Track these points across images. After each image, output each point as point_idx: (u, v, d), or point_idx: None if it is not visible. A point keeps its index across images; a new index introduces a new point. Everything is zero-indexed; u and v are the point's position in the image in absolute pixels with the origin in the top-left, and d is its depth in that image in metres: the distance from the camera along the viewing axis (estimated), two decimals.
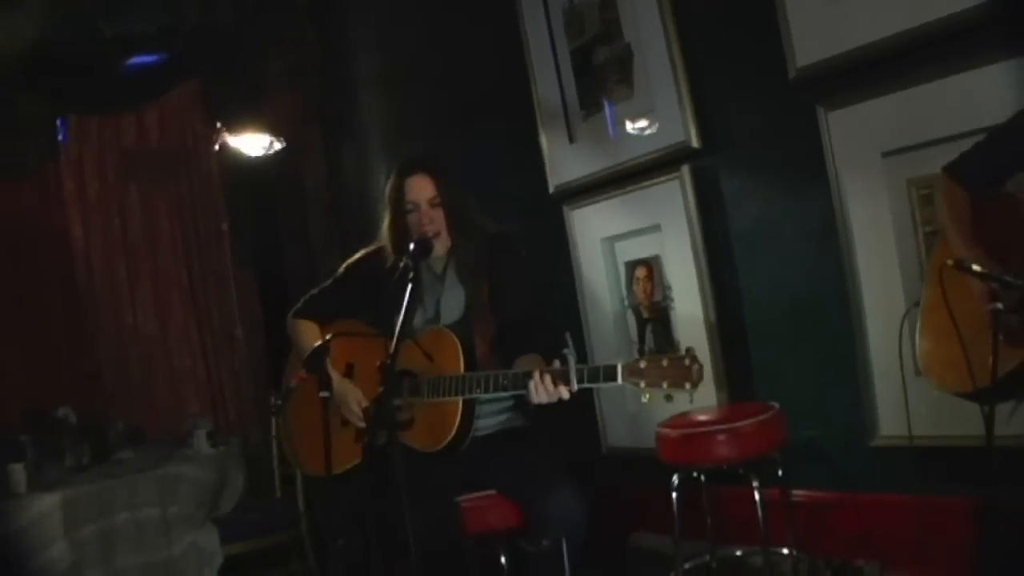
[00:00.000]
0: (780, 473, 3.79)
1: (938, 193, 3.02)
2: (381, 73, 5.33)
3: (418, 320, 3.56)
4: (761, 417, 3.65)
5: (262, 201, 5.94)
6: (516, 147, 5.32)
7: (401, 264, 3.23)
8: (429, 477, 3.30)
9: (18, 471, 4.29)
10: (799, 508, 3.96)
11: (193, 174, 5.99)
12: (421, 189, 3.51)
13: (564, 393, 3.00)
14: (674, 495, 3.75)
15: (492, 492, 3.36)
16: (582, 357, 5.11)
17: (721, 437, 3.60)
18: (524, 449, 3.40)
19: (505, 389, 3.14)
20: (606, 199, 4.93)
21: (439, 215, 3.51)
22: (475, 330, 3.43)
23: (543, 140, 5.21)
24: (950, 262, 2.72)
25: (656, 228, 4.68)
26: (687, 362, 2.78)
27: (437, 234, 3.50)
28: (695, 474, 3.83)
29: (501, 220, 5.27)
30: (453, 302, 3.57)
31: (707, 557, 4.04)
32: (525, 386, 3.04)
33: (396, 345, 2.88)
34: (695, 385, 2.79)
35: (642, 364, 2.83)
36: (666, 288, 4.69)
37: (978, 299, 2.67)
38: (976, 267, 2.63)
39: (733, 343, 4.40)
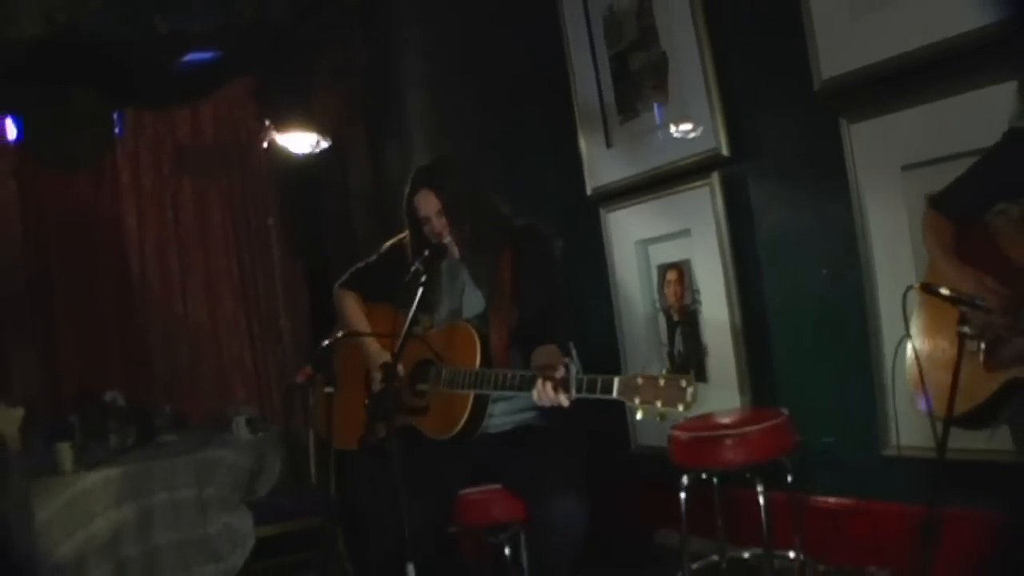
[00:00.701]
0: (789, 479, 3.84)
1: (924, 226, 3.08)
2: (425, 74, 5.43)
3: (443, 311, 3.68)
4: (769, 423, 3.71)
5: (310, 197, 6.07)
6: (556, 149, 5.41)
7: (413, 268, 3.35)
8: (438, 467, 3.42)
9: (65, 450, 4.47)
10: (814, 514, 4.01)
11: (245, 169, 6.14)
12: (428, 204, 3.60)
13: (563, 400, 3.03)
14: (682, 495, 3.83)
15: (498, 487, 3.45)
16: (614, 357, 5.25)
17: (729, 441, 3.67)
18: (536, 449, 3.45)
19: (512, 388, 3.21)
20: (640, 203, 5.00)
21: (443, 224, 3.60)
22: (493, 325, 3.50)
23: (582, 143, 5.29)
24: (916, 286, 2.78)
25: (687, 233, 4.74)
26: (683, 383, 2.78)
27: (449, 241, 3.59)
28: (703, 476, 3.89)
29: (540, 220, 5.42)
30: (475, 297, 3.66)
31: (715, 557, 4.10)
32: (531, 388, 3.11)
33: (402, 343, 3.02)
34: (688, 407, 2.78)
35: (639, 381, 2.85)
36: (695, 292, 4.75)
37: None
38: (944, 290, 2.68)
39: (757, 348, 4.45)
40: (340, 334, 3.51)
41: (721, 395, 4.59)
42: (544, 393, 3.05)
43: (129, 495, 4.40)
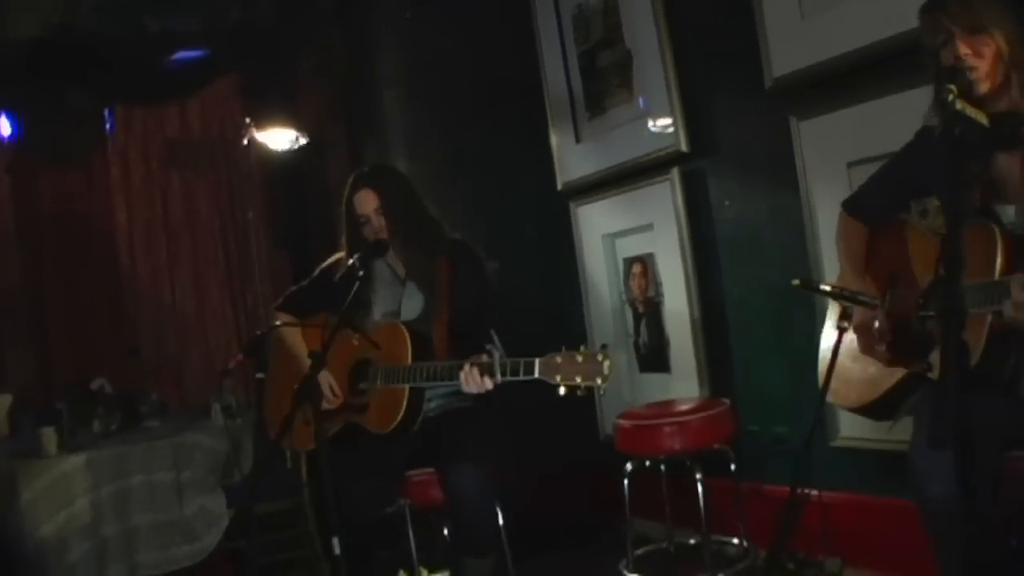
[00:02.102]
0: (732, 467, 3.79)
1: (837, 228, 3.03)
2: (401, 73, 5.38)
3: (378, 314, 3.69)
4: (708, 412, 3.69)
5: (294, 192, 6.03)
6: (529, 145, 5.35)
7: (350, 262, 3.37)
8: (382, 455, 3.43)
9: (49, 434, 4.46)
10: (766, 502, 3.95)
11: (231, 164, 6.09)
12: (368, 202, 3.61)
13: (488, 384, 3.08)
14: (625, 482, 3.79)
15: (432, 469, 3.47)
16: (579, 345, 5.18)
17: (668, 429, 3.64)
18: (454, 429, 3.48)
19: (442, 378, 3.25)
20: (607, 197, 4.95)
21: (382, 223, 3.60)
22: (434, 325, 3.53)
23: (553, 138, 5.23)
24: (795, 282, 2.74)
25: (650, 227, 4.69)
26: (600, 358, 2.83)
27: (386, 239, 3.60)
28: (647, 463, 3.84)
29: (514, 215, 5.38)
30: (414, 301, 3.67)
31: (663, 544, 4.06)
32: (457, 377, 3.16)
33: (331, 335, 3.03)
34: (605, 380, 2.82)
35: (558, 359, 2.88)
36: (658, 285, 4.70)
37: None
38: (824, 286, 2.65)
39: (715, 340, 4.40)
40: (277, 323, 3.52)
41: (682, 385, 4.55)
42: (471, 378, 3.09)
43: (108, 477, 4.39)
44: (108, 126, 6.01)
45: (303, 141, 5.43)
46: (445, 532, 3.45)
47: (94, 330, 5.91)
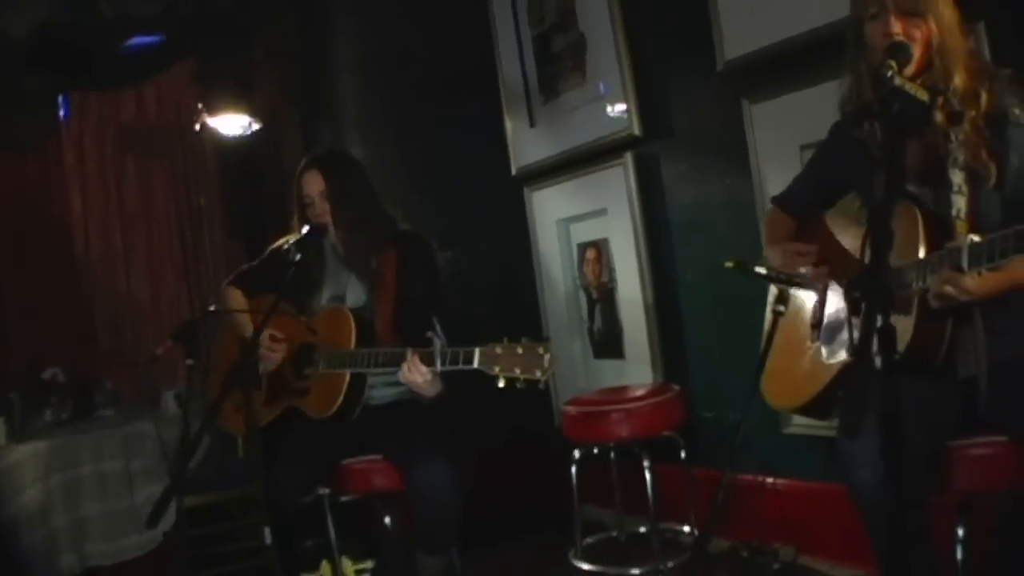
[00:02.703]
0: (683, 455, 3.66)
1: (765, 221, 2.94)
2: (356, 58, 5.23)
3: (325, 297, 3.56)
4: (655, 399, 3.56)
5: (249, 177, 5.86)
6: (483, 130, 5.20)
7: (287, 244, 3.22)
8: (319, 438, 3.31)
9: None
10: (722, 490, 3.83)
11: (187, 149, 5.91)
12: (313, 184, 3.49)
13: (426, 373, 2.98)
14: (573, 469, 3.66)
15: (379, 457, 3.33)
16: (538, 334, 5.04)
17: (616, 416, 3.51)
18: (411, 420, 3.34)
19: (383, 365, 3.14)
20: (561, 182, 4.81)
21: (327, 207, 3.49)
22: (378, 314, 3.40)
23: (507, 123, 5.09)
24: (729, 264, 2.63)
25: (604, 212, 4.55)
26: (540, 351, 2.74)
27: (328, 223, 3.49)
28: (595, 450, 3.72)
29: (468, 200, 5.23)
30: (358, 288, 3.54)
31: (614, 532, 3.93)
32: (399, 364, 3.05)
33: (266, 317, 2.95)
34: (545, 373, 2.72)
35: (498, 350, 2.78)
36: (611, 270, 4.57)
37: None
38: (759, 268, 2.54)
39: (668, 326, 4.27)
40: (210, 308, 3.39)
41: (637, 371, 4.42)
42: (414, 367, 2.98)
43: (58, 467, 4.28)
44: (62, 112, 5.81)
45: (256, 127, 5.26)
46: (386, 520, 3.31)
47: (49, 318, 5.71)
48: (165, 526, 4.33)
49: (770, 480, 3.75)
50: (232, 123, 5.22)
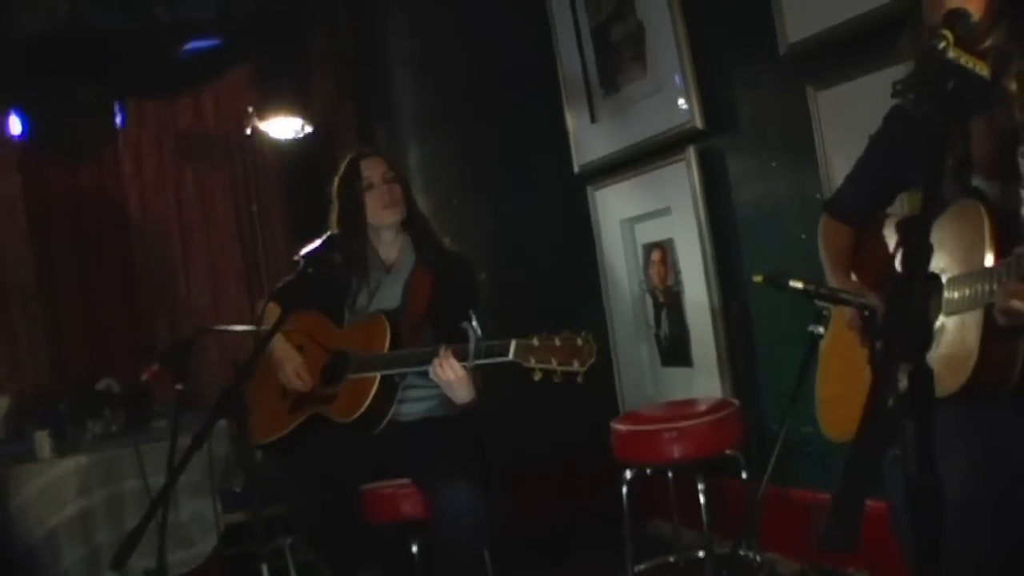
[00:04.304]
0: (744, 475, 3.41)
1: (819, 232, 2.65)
2: (411, 55, 5.07)
3: (360, 305, 3.44)
4: (712, 417, 3.30)
5: (310, 178, 5.75)
6: (544, 126, 5.04)
7: (295, 258, 3.20)
8: (340, 457, 3.16)
9: (43, 438, 4.25)
10: (793, 508, 3.57)
11: (246, 155, 5.83)
12: (376, 167, 3.42)
13: (460, 370, 2.89)
14: (624, 490, 3.42)
15: (407, 481, 3.16)
16: (602, 340, 4.84)
17: (668, 435, 3.26)
18: (440, 440, 3.17)
19: (415, 365, 3.05)
20: (624, 180, 4.62)
21: (395, 189, 3.42)
22: (406, 315, 3.30)
23: (568, 119, 4.90)
24: (757, 278, 2.36)
25: (668, 211, 4.33)
26: (579, 342, 2.65)
27: (394, 206, 3.40)
28: (648, 471, 3.48)
29: (530, 200, 5.05)
30: (390, 290, 3.41)
31: (671, 558, 3.68)
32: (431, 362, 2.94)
33: (277, 325, 2.86)
34: (584, 364, 2.63)
35: (535, 342, 2.69)
36: (678, 273, 4.34)
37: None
38: (795, 282, 2.25)
39: (736, 332, 4.03)
40: (196, 334, 3.45)
41: (705, 382, 4.18)
42: (447, 363, 2.89)
43: (100, 482, 4.15)
44: (119, 120, 5.78)
45: (308, 129, 5.14)
46: (414, 549, 3.12)
47: (109, 327, 5.67)
48: (211, 543, 4.28)
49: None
50: (284, 127, 5.12)
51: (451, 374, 2.89)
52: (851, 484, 1.21)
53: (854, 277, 2.57)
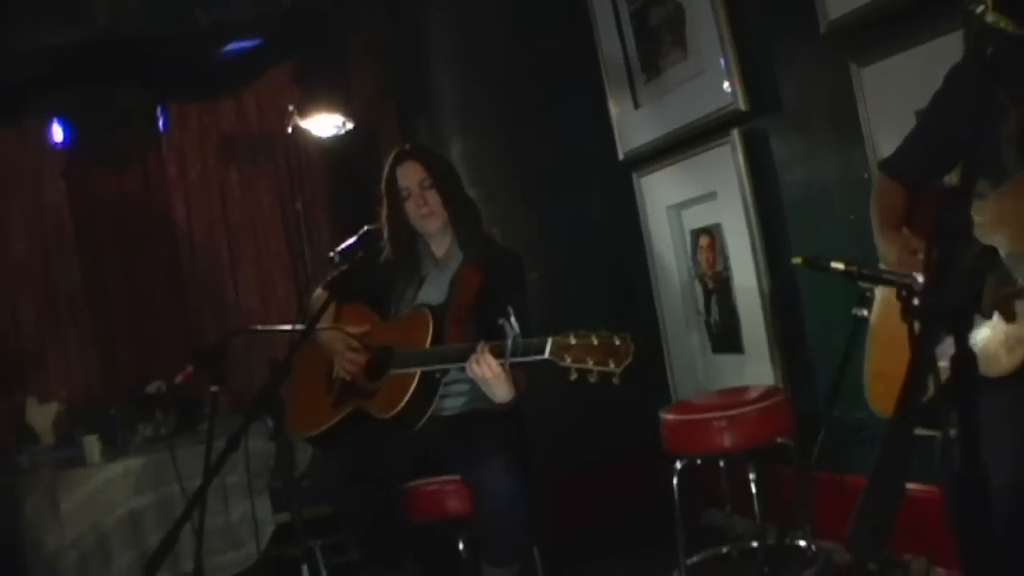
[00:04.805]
0: (795, 462, 3.36)
1: (872, 193, 2.56)
2: (451, 47, 5.06)
3: (407, 299, 3.43)
4: (762, 405, 3.25)
5: (354, 177, 5.78)
6: (587, 114, 5.01)
7: (331, 254, 3.16)
8: (381, 452, 3.16)
9: (92, 442, 4.30)
10: (847, 495, 3.51)
11: (290, 154, 5.88)
12: (411, 174, 3.38)
13: (496, 367, 2.84)
14: (675, 481, 3.38)
15: (454, 477, 3.14)
16: (653, 327, 4.82)
17: (717, 424, 3.22)
18: (481, 431, 3.16)
19: (454, 361, 3.01)
20: (669, 165, 4.58)
21: (432, 196, 3.36)
22: (450, 311, 3.25)
23: (611, 106, 4.87)
24: (796, 260, 2.28)
25: (714, 195, 4.29)
26: (616, 342, 2.58)
27: (432, 214, 3.35)
28: (698, 461, 3.43)
29: (575, 189, 5.03)
30: (436, 285, 3.39)
31: (724, 549, 3.64)
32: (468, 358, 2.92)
33: (297, 345, 2.79)
34: (619, 364, 2.56)
35: (572, 340, 2.63)
36: (726, 258, 4.29)
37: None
38: (836, 263, 2.17)
39: (787, 317, 3.97)
40: (226, 336, 3.35)
41: (756, 368, 4.14)
42: (483, 360, 2.85)
43: (149, 485, 4.21)
44: (162, 124, 5.85)
45: (349, 126, 5.16)
46: (460, 546, 3.11)
47: (158, 331, 5.75)
48: (262, 542, 4.32)
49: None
50: (326, 124, 5.14)
51: (487, 371, 2.86)
52: (881, 481, 1.16)
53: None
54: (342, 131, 5.19)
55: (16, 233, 5.48)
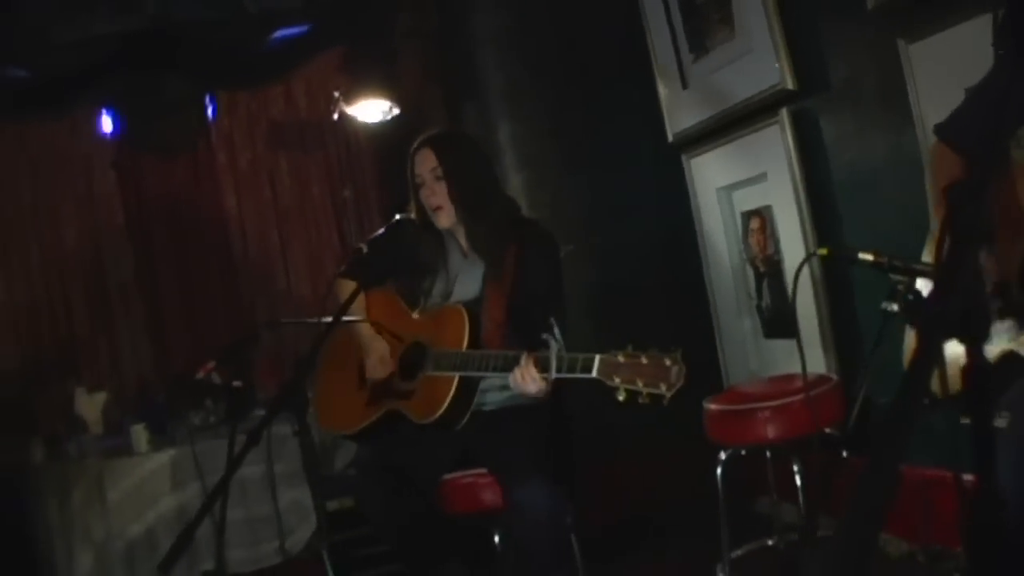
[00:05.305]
0: (845, 453, 3.29)
1: (928, 160, 2.44)
2: (497, 30, 5.03)
3: (436, 290, 3.37)
4: (812, 393, 3.17)
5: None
6: (635, 95, 4.95)
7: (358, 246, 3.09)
8: (416, 448, 3.13)
9: (139, 431, 4.40)
10: (903, 487, 3.44)
11: (339, 140, 5.92)
12: (425, 162, 3.31)
13: (540, 383, 2.74)
14: (719, 471, 3.32)
15: (485, 471, 3.12)
16: (704, 312, 4.77)
17: (761, 415, 3.15)
18: (521, 431, 3.09)
19: (495, 370, 2.90)
20: (718, 147, 4.52)
21: (441, 188, 3.26)
22: (488, 307, 3.15)
23: (660, 86, 4.81)
24: (821, 251, 2.19)
25: (764, 177, 4.22)
26: (667, 363, 2.46)
27: (440, 207, 3.26)
28: (743, 452, 3.37)
29: (623, 173, 4.98)
30: (469, 279, 3.31)
31: (770, 541, 3.58)
32: (512, 369, 2.81)
33: (347, 304, 2.82)
34: (672, 388, 2.44)
35: (620, 359, 2.52)
36: (777, 241, 4.23)
37: None
38: (865, 256, 2.07)
39: (839, 301, 3.90)
40: (254, 333, 3.30)
41: (808, 354, 4.03)
42: (527, 373, 2.75)
43: (195, 475, 4.26)
44: (210, 112, 5.92)
45: (396, 111, 5.17)
46: (496, 539, 3.10)
47: (209, 319, 5.84)
48: (308, 531, 4.36)
49: (958, 476, 3.34)
50: (372, 109, 5.15)
51: (532, 386, 2.78)
52: (856, 524, 1.06)
53: None
54: (389, 116, 5.19)
55: (67, 223, 5.60)
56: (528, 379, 2.76)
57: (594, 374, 2.56)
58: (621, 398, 2.51)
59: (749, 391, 3.51)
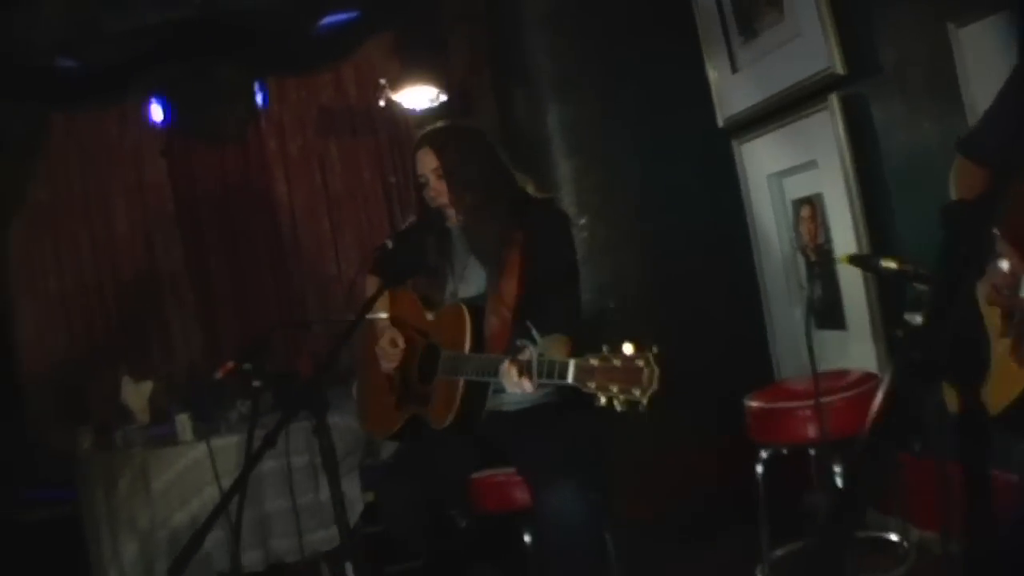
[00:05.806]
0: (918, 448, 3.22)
1: (951, 176, 2.36)
2: (546, 14, 4.99)
3: (448, 287, 3.35)
4: (851, 393, 3.08)
5: None
6: (685, 80, 4.87)
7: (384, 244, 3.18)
8: (433, 452, 3.14)
9: (183, 420, 4.45)
10: (945, 484, 3.37)
11: (390, 125, 5.93)
12: (426, 162, 3.24)
13: (527, 386, 2.65)
14: (759, 470, 3.25)
15: (514, 470, 3.08)
16: (755, 301, 4.70)
17: (802, 414, 3.07)
18: (541, 431, 3.06)
19: (483, 375, 2.88)
20: (769, 132, 4.44)
21: (443, 187, 3.22)
22: (491, 305, 3.11)
23: (709, 71, 4.74)
24: (842, 258, 2.11)
25: (814, 164, 4.15)
26: (639, 363, 2.30)
27: (445, 206, 3.23)
28: (784, 451, 3.29)
29: (674, 159, 4.92)
30: (474, 275, 3.29)
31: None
32: (494, 373, 2.79)
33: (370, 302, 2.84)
34: (644, 393, 2.29)
35: (593, 362, 2.40)
36: (828, 230, 4.15)
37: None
38: (887, 262, 1.98)
39: (890, 292, 3.82)
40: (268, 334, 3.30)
41: (859, 347, 3.99)
42: (508, 379, 2.69)
43: (238, 464, 4.22)
44: (260, 99, 5.96)
45: (443, 98, 5.16)
46: (526, 538, 3.07)
47: (260, 307, 5.91)
48: (352, 520, 4.38)
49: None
50: (419, 96, 5.15)
51: (526, 387, 2.69)
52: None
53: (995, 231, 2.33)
54: (436, 103, 5.18)
55: (118, 211, 5.69)
56: (513, 384, 2.70)
57: (570, 380, 2.46)
58: (602, 403, 2.37)
59: (793, 388, 3.45)
